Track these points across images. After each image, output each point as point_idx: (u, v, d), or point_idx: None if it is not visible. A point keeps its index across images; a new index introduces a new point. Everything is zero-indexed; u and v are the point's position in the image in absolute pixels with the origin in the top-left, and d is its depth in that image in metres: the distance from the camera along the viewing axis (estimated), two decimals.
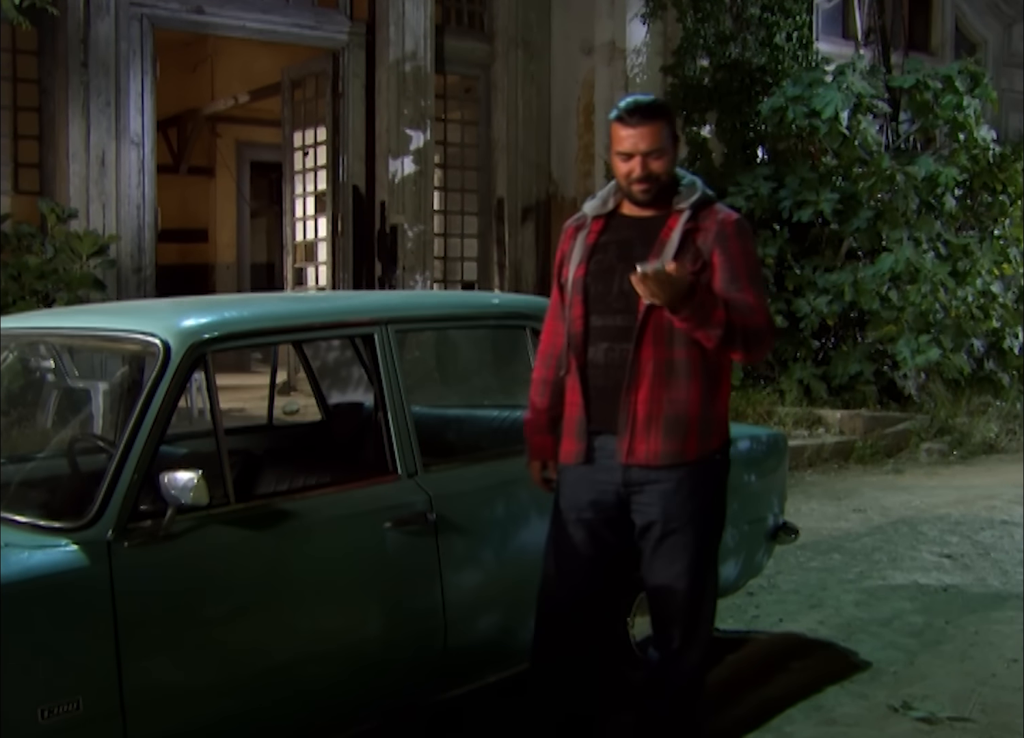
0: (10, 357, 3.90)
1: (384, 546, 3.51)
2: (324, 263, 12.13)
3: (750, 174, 11.41)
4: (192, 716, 3.10)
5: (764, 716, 4.20)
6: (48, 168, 10.57)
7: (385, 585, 3.54)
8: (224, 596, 3.19)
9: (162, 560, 3.05)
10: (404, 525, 3.52)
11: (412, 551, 3.57)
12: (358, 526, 3.48)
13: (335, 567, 3.44)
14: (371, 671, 3.49)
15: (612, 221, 3.36)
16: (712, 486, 3.31)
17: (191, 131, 16.20)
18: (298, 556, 3.35)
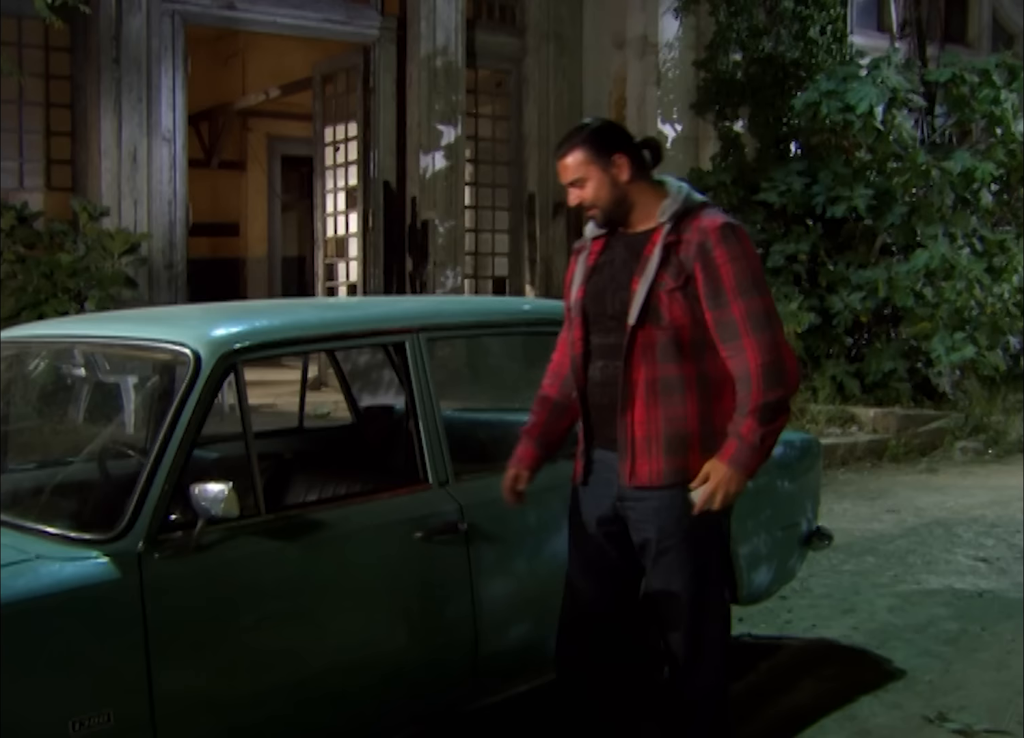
0: (42, 364, 3.90)
1: (415, 556, 3.48)
2: (355, 258, 12.14)
3: (783, 169, 11.33)
4: (223, 727, 3.09)
5: (796, 725, 4.17)
6: (80, 164, 10.61)
7: (416, 595, 3.52)
8: (255, 607, 3.17)
9: (192, 571, 3.04)
10: (435, 535, 3.49)
11: (443, 561, 3.54)
12: (389, 536, 3.46)
13: (366, 578, 3.42)
14: (402, 681, 3.47)
15: (611, 240, 3.36)
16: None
17: (222, 125, 16.24)
18: (328, 567, 3.33)
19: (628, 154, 3.26)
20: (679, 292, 3.14)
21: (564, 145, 3.30)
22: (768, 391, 3.08)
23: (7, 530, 3.09)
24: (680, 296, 3.14)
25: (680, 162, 12.00)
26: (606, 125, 3.38)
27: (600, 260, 3.35)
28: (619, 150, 3.25)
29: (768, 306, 3.15)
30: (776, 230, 11.43)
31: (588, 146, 3.25)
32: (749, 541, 4.54)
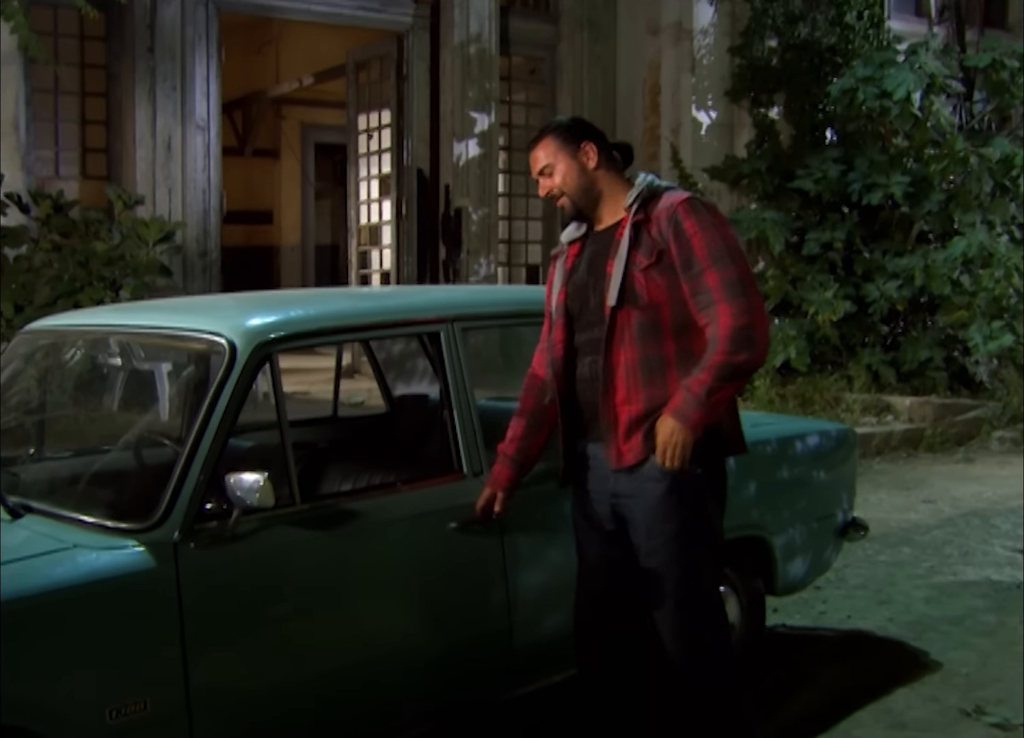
0: (78, 353, 3.91)
1: (449, 547, 3.48)
2: (388, 246, 12.14)
3: (819, 157, 11.25)
4: (258, 716, 3.10)
5: (831, 718, 4.14)
6: (115, 153, 10.65)
7: (450, 585, 3.52)
8: (290, 597, 3.18)
9: (228, 561, 3.04)
10: (469, 525, 3.49)
11: (478, 551, 3.54)
12: (423, 526, 3.45)
13: (401, 568, 3.42)
14: (437, 671, 3.48)
15: (585, 241, 3.41)
16: (691, 504, 3.22)
17: (256, 113, 16.27)
18: (363, 557, 3.33)
19: (596, 143, 3.34)
20: (654, 270, 3.17)
21: (535, 137, 3.42)
22: (732, 353, 3.07)
23: (45, 519, 3.11)
24: (655, 274, 3.17)
25: (715, 149, 11.94)
26: (576, 119, 3.51)
27: (577, 261, 3.39)
28: (587, 138, 3.34)
29: (743, 273, 3.14)
30: (811, 218, 11.35)
31: (556, 134, 3.35)
32: (784, 532, 4.53)
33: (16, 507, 3.14)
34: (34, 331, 4.01)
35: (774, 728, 4.07)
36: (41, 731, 2.72)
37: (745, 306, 3.09)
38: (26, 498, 3.23)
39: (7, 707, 2.67)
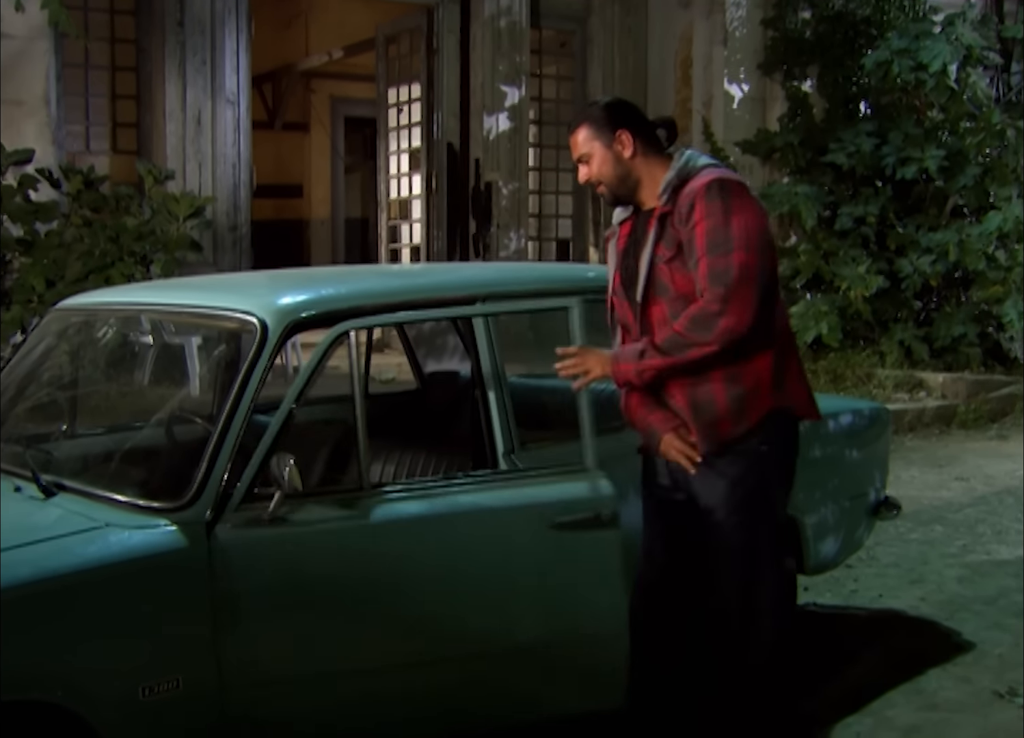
0: (109, 331, 3.92)
1: (532, 545, 3.34)
2: (418, 220, 12.13)
3: (852, 130, 11.13)
4: (293, 699, 3.06)
5: (863, 698, 4.11)
6: (145, 127, 10.67)
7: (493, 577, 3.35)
8: (323, 581, 3.10)
9: (260, 540, 3.03)
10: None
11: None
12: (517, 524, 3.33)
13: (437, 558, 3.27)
14: (468, 667, 3.31)
15: (635, 222, 3.40)
16: (754, 477, 3.21)
17: (286, 87, 16.24)
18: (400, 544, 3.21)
19: (633, 130, 3.29)
20: (677, 261, 3.16)
21: (573, 121, 3.39)
22: (687, 331, 3.08)
23: (77, 497, 3.12)
24: (679, 265, 3.16)
25: (747, 123, 11.84)
26: (615, 102, 3.42)
27: (627, 243, 3.38)
28: (623, 126, 3.29)
29: (742, 262, 3.05)
30: (844, 192, 11.25)
31: (593, 122, 3.32)
32: (816, 511, 4.50)
33: (49, 485, 3.15)
34: (66, 308, 4.02)
35: (804, 707, 4.04)
36: (75, 708, 2.73)
37: (723, 294, 3.04)
38: (59, 476, 3.24)
39: (42, 685, 2.70)
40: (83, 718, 2.74)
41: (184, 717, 2.91)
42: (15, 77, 9.18)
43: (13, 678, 2.65)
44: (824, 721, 3.94)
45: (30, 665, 2.69)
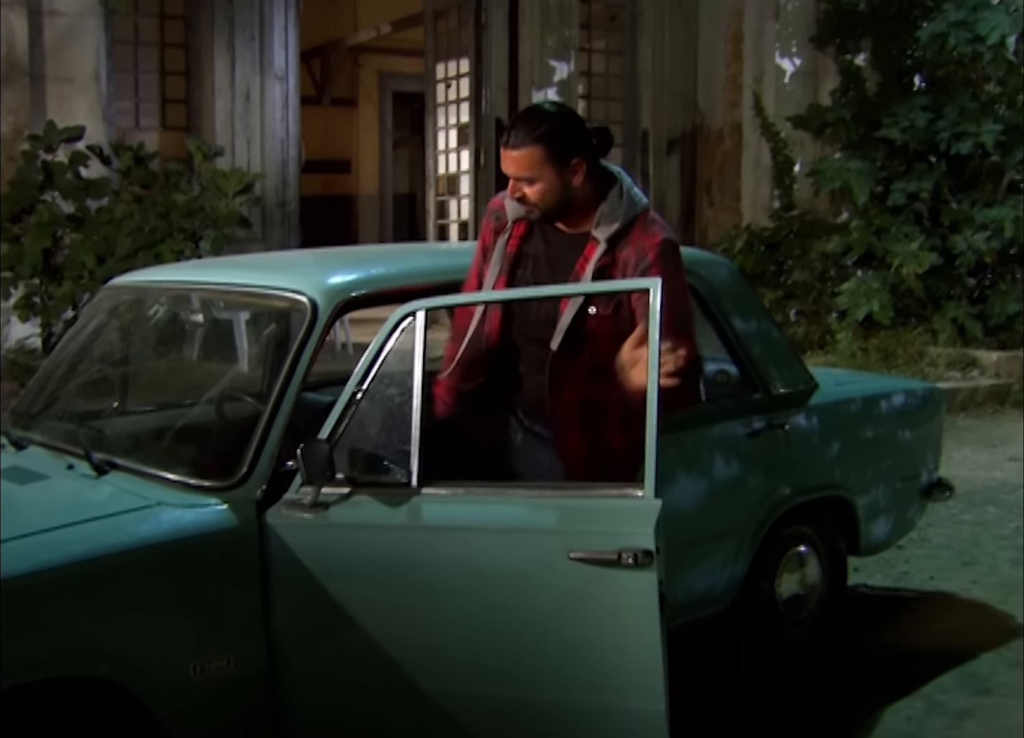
0: (160, 309, 3.93)
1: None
2: (467, 196, 12.10)
3: (906, 104, 10.97)
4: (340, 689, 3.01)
5: (914, 682, 4.08)
6: (194, 104, 10.71)
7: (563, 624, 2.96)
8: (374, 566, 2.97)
9: (302, 523, 2.99)
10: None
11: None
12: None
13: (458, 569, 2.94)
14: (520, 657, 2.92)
15: (536, 229, 3.12)
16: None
17: (334, 62, 16.24)
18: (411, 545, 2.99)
19: (586, 156, 2.99)
20: (608, 318, 2.96)
21: (520, 135, 2.95)
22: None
23: (128, 475, 3.14)
24: (608, 322, 2.96)
25: (798, 98, 11.71)
26: (571, 122, 3.03)
27: (524, 249, 3.13)
28: (579, 153, 2.97)
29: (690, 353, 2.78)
30: (897, 167, 11.09)
31: (547, 146, 2.94)
32: (868, 492, 4.47)
33: (101, 463, 3.17)
34: (117, 286, 4.04)
35: (854, 690, 4.03)
36: (129, 684, 2.75)
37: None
38: (110, 454, 3.25)
39: (96, 660, 2.72)
40: (136, 696, 2.76)
41: (235, 696, 2.92)
42: (65, 54, 9.23)
43: (68, 654, 2.68)
44: (874, 704, 3.91)
45: (84, 642, 2.71)
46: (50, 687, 2.68)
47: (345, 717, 3.05)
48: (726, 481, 3.95)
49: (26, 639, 2.62)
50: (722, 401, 4.02)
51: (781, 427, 4.11)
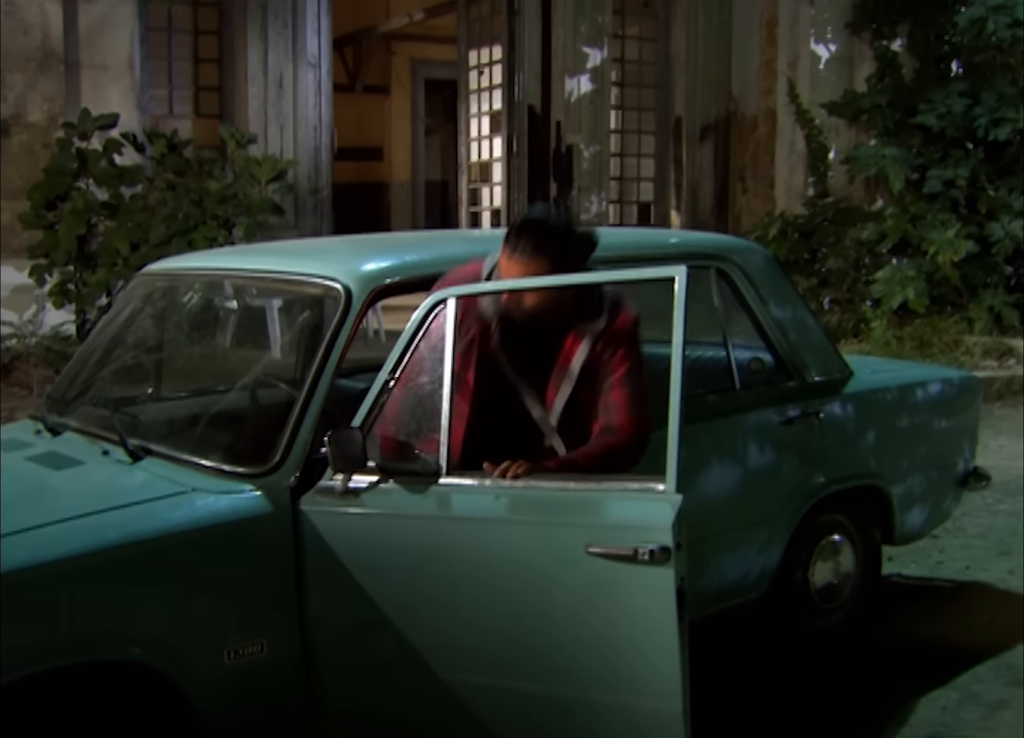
0: (194, 296, 3.95)
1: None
2: (499, 183, 12.08)
3: (943, 90, 10.87)
4: (372, 676, 3.03)
5: (949, 672, 4.04)
6: (227, 91, 10.73)
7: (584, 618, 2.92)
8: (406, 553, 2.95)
9: (334, 510, 2.99)
10: None
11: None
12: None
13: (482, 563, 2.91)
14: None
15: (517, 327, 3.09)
16: None
17: (366, 49, 16.24)
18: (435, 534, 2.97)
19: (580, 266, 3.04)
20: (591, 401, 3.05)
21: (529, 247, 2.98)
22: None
23: (163, 461, 3.16)
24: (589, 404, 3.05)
25: (833, 84, 11.62)
26: (570, 234, 3.07)
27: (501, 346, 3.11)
28: (576, 265, 3.00)
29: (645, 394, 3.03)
30: (933, 154, 11.00)
31: (555, 262, 2.97)
32: (903, 480, 4.44)
33: (136, 450, 3.18)
34: (151, 273, 4.06)
35: (888, 680, 4.01)
36: (164, 669, 2.77)
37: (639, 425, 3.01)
38: (145, 440, 3.27)
39: (132, 645, 2.74)
40: (172, 680, 2.78)
41: (268, 681, 2.93)
42: (100, 41, 9.26)
43: (102, 639, 2.70)
44: (909, 694, 3.88)
45: (119, 627, 2.73)
46: (85, 671, 2.70)
47: (375, 703, 3.06)
48: (760, 469, 3.93)
49: (61, 624, 2.64)
50: (757, 389, 4.00)
51: (816, 415, 4.08)
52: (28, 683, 2.60)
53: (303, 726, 3.04)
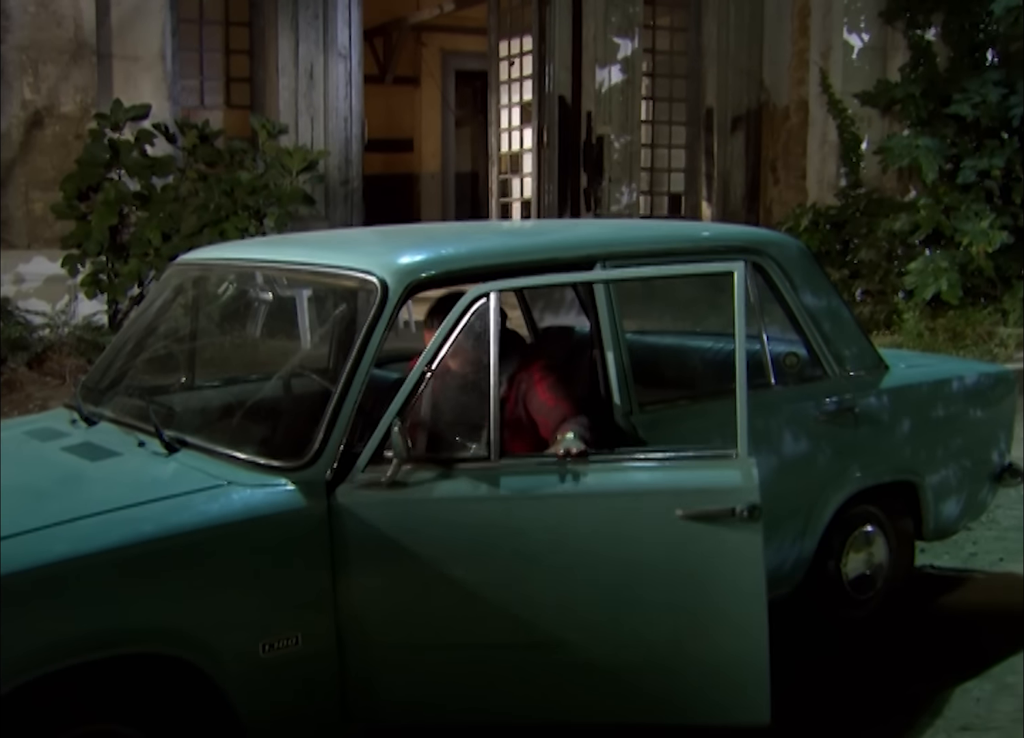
0: (227, 287, 3.95)
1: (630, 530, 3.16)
2: (529, 174, 12.07)
3: (978, 80, 10.78)
4: (408, 667, 3.05)
5: (983, 662, 4.04)
6: (258, 82, 10.76)
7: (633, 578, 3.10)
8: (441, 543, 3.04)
9: (380, 503, 3.02)
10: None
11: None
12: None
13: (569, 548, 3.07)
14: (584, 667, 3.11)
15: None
16: None
17: (397, 41, 16.22)
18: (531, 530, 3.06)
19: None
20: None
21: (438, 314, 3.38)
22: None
23: (198, 454, 3.16)
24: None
25: (866, 74, 11.53)
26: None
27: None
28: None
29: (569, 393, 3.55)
30: (967, 144, 10.90)
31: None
32: (937, 475, 4.41)
33: (171, 441, 3.19)
34: (185, 263, 4.07)
35: (923, 670, 4.01)
36: (199, 662, 2.78)
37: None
38: (180, 431, 3.28)
39: (167, 638, 2.75)
40: (206, 673, 2.79)
41: (303, 674, 2.94)
42: (132, 33, 9.29)
43: (137, 632, 2.72)
44: (943, 685, 3.88)
45: (154, 620, 2.74)
46: (121, 664, 2.71)
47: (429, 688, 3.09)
48: (795, 461, 3.92)
49: (97, 617, 2.66)
50: (792, 382, 3.98)
51: (851, 409, 4.06)
52: (61, 676, 2.61)
53: (337, 719, 3.04)
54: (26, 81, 8.95)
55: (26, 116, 8.97)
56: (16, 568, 2.59)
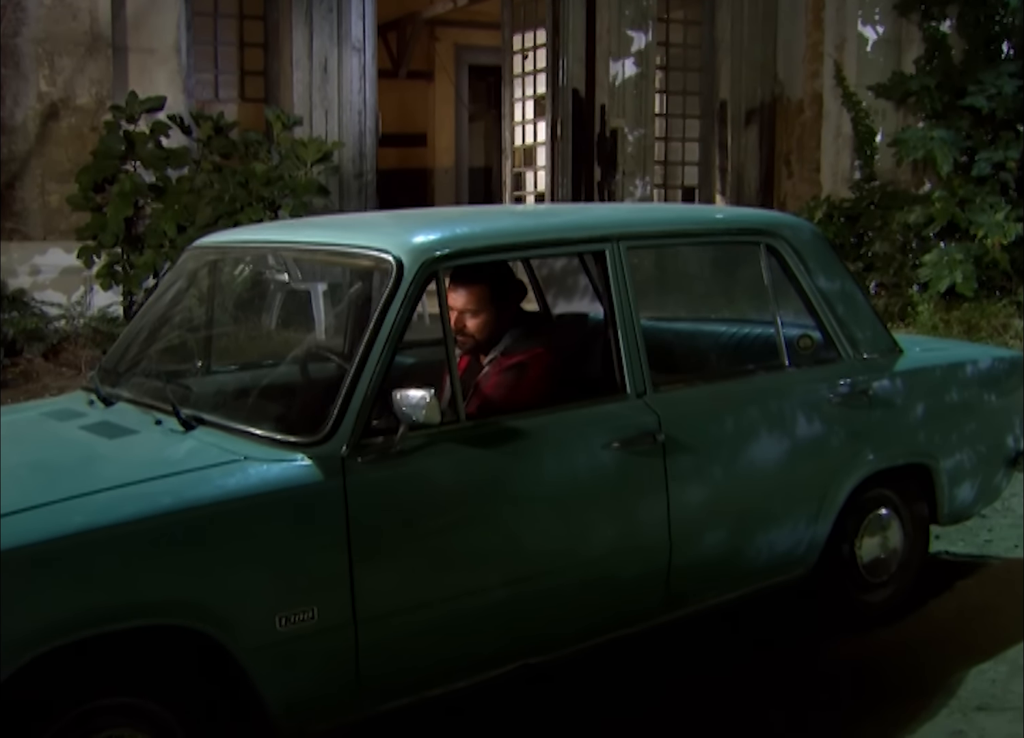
0: (244, 269, 3.96)
1: (610, 466, 3.44)
2: (543, 168, 12.07)
3: (993, 72, 10.75)
4: (420, 628, 3.11)
5: (997, 646, 4.05)
6: (272, 75, 10.78)
7: (610, 505, 3.47)
8: (453, 511, 3.18)
9: (393, 475, 3.06)
10: (631, 445, 3.45)
11: (639, 472, 3.49)
12: (585, 445, 3.42)
13: (562, 486, 3.39)
14: (595, 589, 3.47)
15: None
16: None
17: (410, 35, 16.23)
18: (524, 474, 3.32)
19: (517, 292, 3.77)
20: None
21: (464, 280, 3.66)
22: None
23: (215, 431, 3.18)
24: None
25: (881, 66, 11.51)
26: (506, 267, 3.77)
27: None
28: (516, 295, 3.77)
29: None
30: (983, 136, 10.88)
31: (492, 286, 3.69)
32: (951, 459, 4.40)
33: (188, 419, 3.21)
34: (202, 247, 4.08)
35: (939, 655, 4.01)
36: (216, 635, 2.79)
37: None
38: (197, 410, 3.30)
39: (184, 610, 2.77)
40: (223, 646, 2.81)
41: (319, 647, 2.95)
42: (147, 26, 9.33)
43: (156, 603, 2.73)
44: (959, 667, 3.88)
45: (171, 592, 2.75)
46: (143, 639, 2.73)
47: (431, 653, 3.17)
48: (809, 443, 3.92)
49: (114, 588, 2.68)
50: (806, 364, 3.99)
51: (865, 392, 4.07)
52: (79, 647, 2.63)
53: (354, 693, 3.05)
54: (42, 73, 9.00)
55: (42, 108, 9.02)
56: (35, 539, 2.61)
